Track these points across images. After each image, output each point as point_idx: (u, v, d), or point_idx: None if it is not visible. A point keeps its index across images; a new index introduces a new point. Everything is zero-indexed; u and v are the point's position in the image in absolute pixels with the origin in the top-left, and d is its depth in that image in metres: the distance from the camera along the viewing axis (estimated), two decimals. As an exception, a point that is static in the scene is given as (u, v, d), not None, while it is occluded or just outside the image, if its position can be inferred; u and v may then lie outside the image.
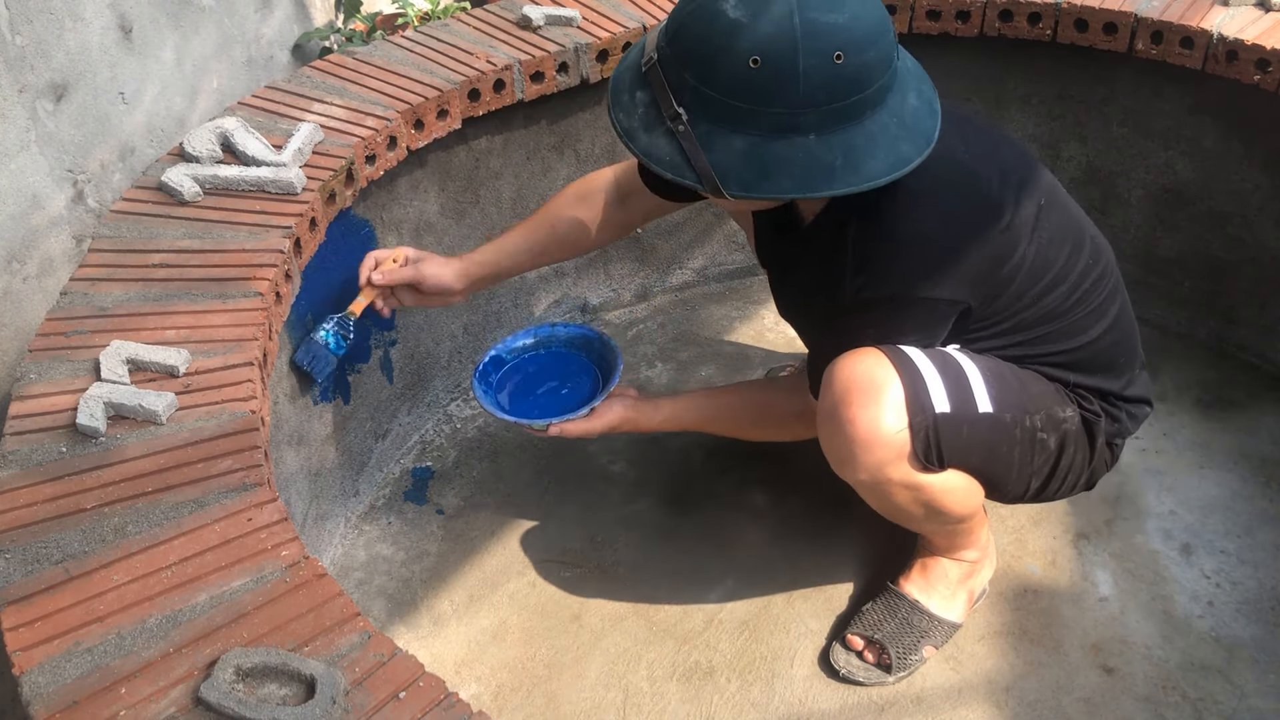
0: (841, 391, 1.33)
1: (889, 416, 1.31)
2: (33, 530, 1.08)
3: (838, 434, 1.35)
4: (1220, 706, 1.50)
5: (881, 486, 1.38)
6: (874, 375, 1.32)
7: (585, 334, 1.71)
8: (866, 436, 1.32)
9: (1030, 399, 1.39)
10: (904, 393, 1.31)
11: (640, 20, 1.91)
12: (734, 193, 1.18)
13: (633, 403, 1.60)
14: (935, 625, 1.57)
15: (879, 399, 1.31)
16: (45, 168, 1.64)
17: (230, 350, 1.28)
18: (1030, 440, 1.39)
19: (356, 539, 1.81)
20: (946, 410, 1.33)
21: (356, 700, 0.94)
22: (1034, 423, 1.39)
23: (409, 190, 1.83)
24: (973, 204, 1.30)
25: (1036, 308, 1.37)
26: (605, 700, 1.54)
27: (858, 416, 1.31)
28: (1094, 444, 1.46)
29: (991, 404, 1.36)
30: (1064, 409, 1.42)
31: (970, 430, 1.35)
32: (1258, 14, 1.82)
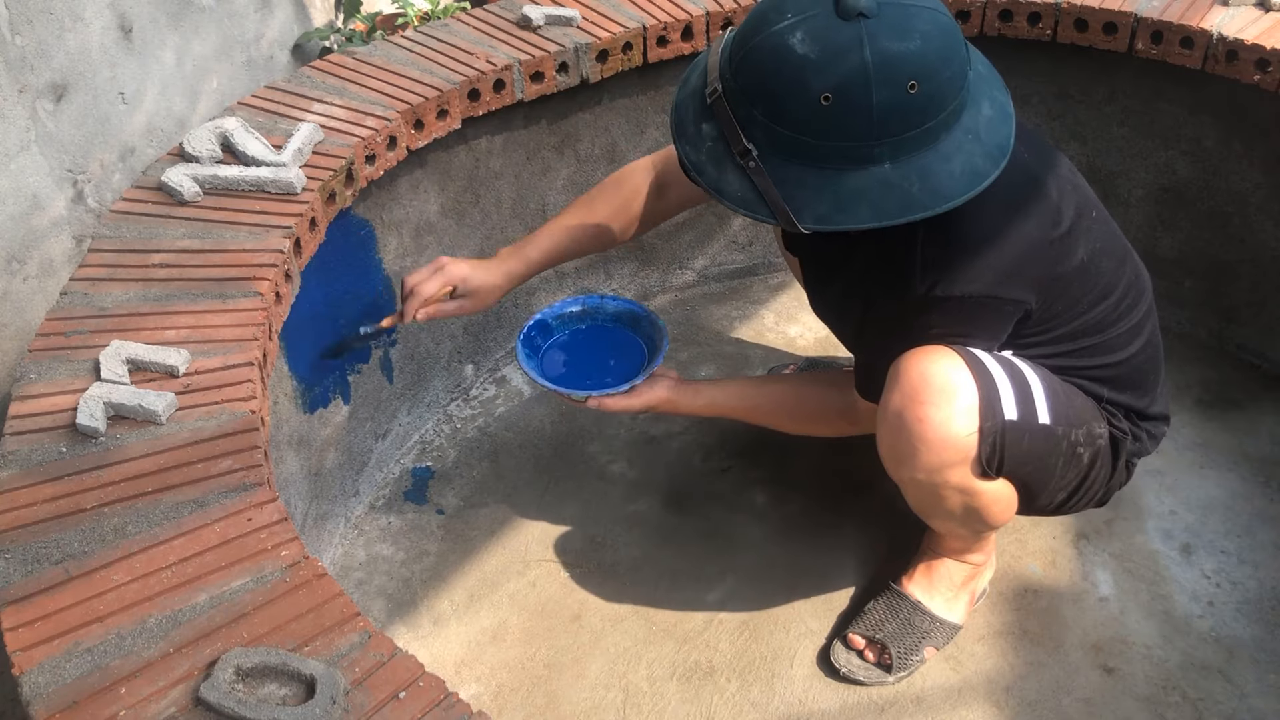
0: (912, 390, 1.31)
1: (961, 419, 1.30)
2: (33, 530, 1.08)
3: (903, 431, 1.33)
4: (1220, 706, 1.50)
5: (937, 488, 1.37)
6: (949, 376, 1.30)
7: (633, 309, 1.67)
8: (936, 437, 1.30)
9: (1075, 413, 1.38)
10: (978, 396, 1.30)
11: (640, 20, 1.91)
12: (809, 226, 1.17)
13: (673, 384, 1.57)
14: (937, 626, 1.57)
15: (953, 400, 1.29)
16: (45, 168, 1.65)
17: (230, 350, 1.28)
18: (1071, 454, 1.38)
19: (356, 539, 1.81)
20: (1014, 418, 1.32)
21: (356, 700, 0.94)
22: (1077, 437, 1.38)
23: (409, 190, 1.83)
24: (1037, 206, 1.29)
25: (1086, 318, 1.36)
26: (605, 700, 1.54)
27: (929, 416, 1.30)
28: (1117, 462, 1.45)
29: (1049, 416, 1.34)
30: (1099, 425, 1.41)
31: (1030, 440, 1.34)
32: (1258, 14, 1.82)
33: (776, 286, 2.30)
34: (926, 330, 1.32)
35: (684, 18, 1.92)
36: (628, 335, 1.68)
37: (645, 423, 2.00)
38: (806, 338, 2.18)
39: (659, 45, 1.93)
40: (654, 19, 1.91)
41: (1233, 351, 2.07)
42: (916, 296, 1.27)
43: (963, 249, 1.26)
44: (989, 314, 1.30)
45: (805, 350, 2.14)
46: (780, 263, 2.33)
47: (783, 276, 2.33)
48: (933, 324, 1.31)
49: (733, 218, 2.26)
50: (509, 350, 2.15)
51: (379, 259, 1.81)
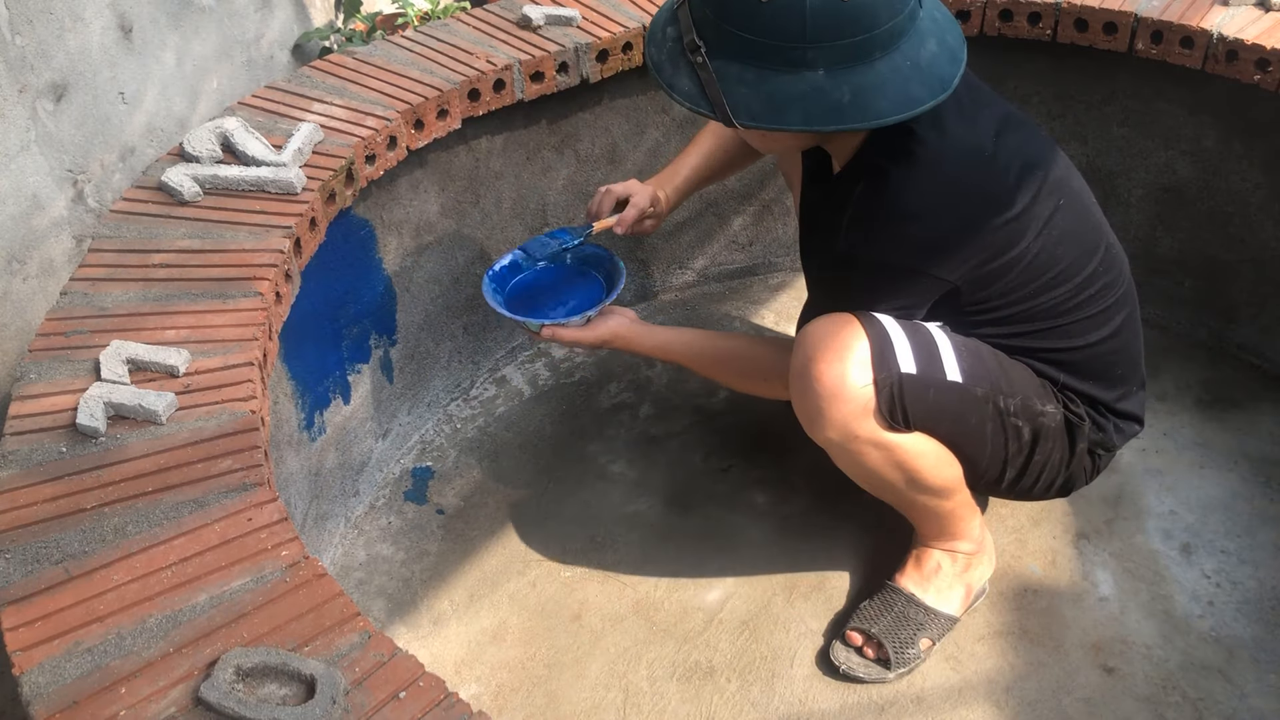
0: (810, 349, 1.37)
1: (854, 371, 1.34)
2: (33, 530, 1.08)
3: (807, 390, 1.38)
4: (1220, 706, 1.50)
5: (851, 445, 1.40)
6: (841, 334, 1.36)
7: (597, 251, 1.73)
8: (832, 390, 1.35)
9: (1008, 382, 1.42)
10: (869, 350, 1.35)
11: (640, 20, 1.91)
12: (743, 122, 1.24)
13: (629, 322, 1.61)
14: (931, 618, 1.57)
15: (845, 355, 1.35)
16: (45, 168, 1.65)
17: (230, 350, 1.28)
18: (1001, 421, 1.42)
19: (356, 539, 1.81)
20: (912, 371, 1.36)
21: (356, 700, 0.94)
22: (1007, 405, 1.41)
23: (409, 190, 1.83)
24: (985, 190, 1.33)
25: (1033, 303, 1.39)
26: (605, 700, 1.54)
27: (824, 372, 1.35)
28: (1074, 446, 1.47)
29: (961, 375, 1.39)
30: (1044, 403, 1.44)
31: (936, 395, 1.37)
32: (1258, 14, 1.81)
33: (776, 286, 2.30)
34: (846, 288, 1.39)
35: (684, 18, 1.92)
36: (591, 275, 1.73)
37: (645, 423, 2.00)
38: (806, 338, 2.18)
39: (659, 45, 1.93)
40: (654, 19, 1.91)
41: (1233, 351, 2.07)
42: (840, 252, 1.34)
43: (889, 215, 1.31)
44: (903, 282, 1.35)
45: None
46: (780, 263, 2.33)
47: (783, 276, 2.33)
48: (851, 283, 1.38)
49: (733, 218, 2.26)
50: (509, 350, 2.16)
51: (379, 259, 1.81)
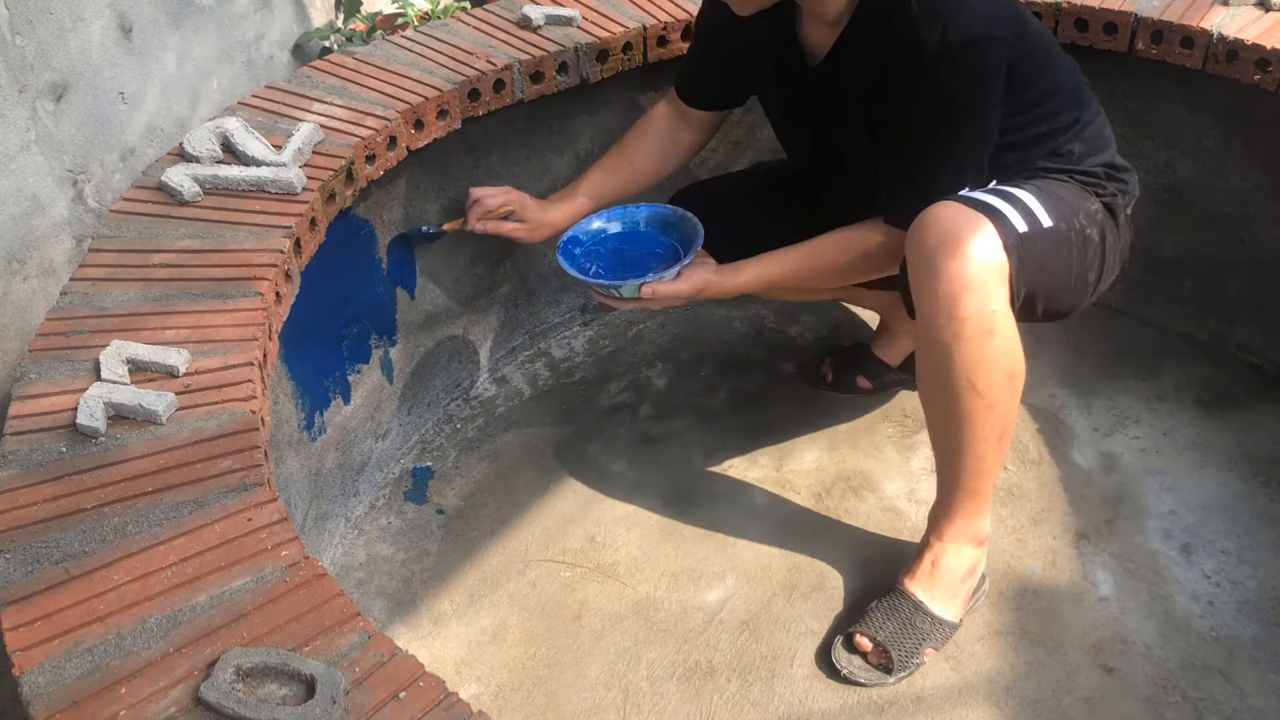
0: (937, 242, 1.40)
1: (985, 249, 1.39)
2: (33, 530, 1.08)
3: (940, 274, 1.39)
4: (1220, 706, 1.50)
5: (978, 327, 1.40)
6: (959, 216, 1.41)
7: (661, 211, 1.70)
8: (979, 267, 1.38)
9: (1069, 204, 1.50)
10: (992, 224, 1.40)
11: (640, 20, 1.91)
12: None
13: (716, 267, 1.60)
14: (937, 627, 1.57)
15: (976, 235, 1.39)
16: (46, 168, 1.65)
17: (230, 350, 1.28)
18: (1081, 239, 1.50)
19: (356, 539, 1.81)
20: (1025, 229, 1.43)
21: (356, 700, 0.94)
22: (1080, 223, 1.50)
23: (409, 190, 1.83)
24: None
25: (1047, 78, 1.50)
26: (605, 700, 1.54)
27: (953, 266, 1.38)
28: (1117, 220, 1.57)
29: (1050, 218, 1.46)
30: (1090, 202, 1.53)
31: (1043, 242, 1.45)
32: (1258, 14, 1.81)
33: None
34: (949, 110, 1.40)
35: (684, 18, 1.92)
36: (658, 237, 1.70)
37: (645, 423, 2.00)
38: (806, 337, 2.18)
39: (659, 45, 1.93)
40: (654, 19, 1.91)
41: (1233, 351, 2.07)
42: (931, 52, 1.36)
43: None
44: (992, 58, 1.39)
45: (805, 350, 2.15)
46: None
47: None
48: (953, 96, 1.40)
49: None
50: (509, 350, 2.16)
51: (379, 259, 1.81)
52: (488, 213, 1.73)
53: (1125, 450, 1.89)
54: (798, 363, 2.12)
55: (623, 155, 1.80)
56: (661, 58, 1.94)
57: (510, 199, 1.74)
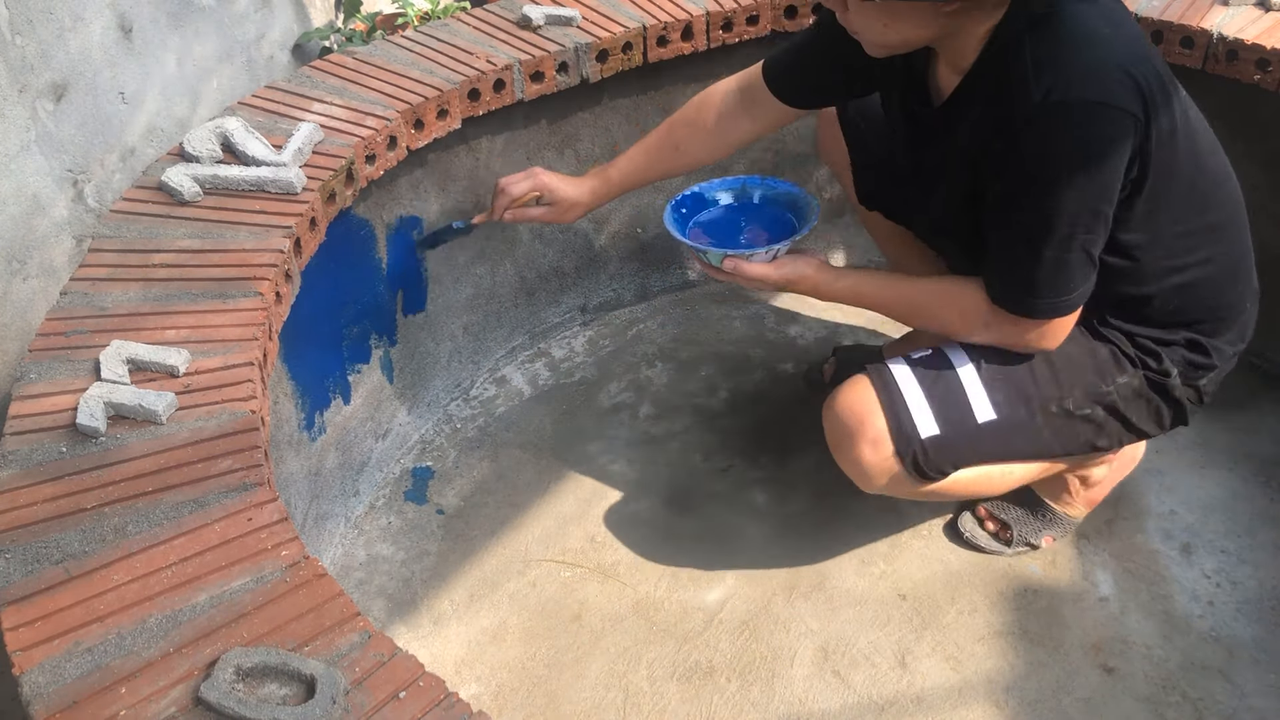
0: (836, 427, 1.45)
1: (870, 451, 1.41)
2: (33, 530, 1.08)
3: (842, 464, 1.48)
4: (1220, 706, 1.50)
5: (912, 495, 1.50)
6: (857, 408, 1.41)
7: (790, 190, 1.63)
8: (861, 472, 1.44)
9: (1057, 385, 1.41)
10: (885, 422, 1.40)
11: (640, 20, 1.91)
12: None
13: (819, 264, 1.50)
14: (1058, 520, 1.69)
15: (862, 434, 1.41)
16: (46, 169, 1.65)
17: (230, 350, 1.28)
18: (1065, 420, 1.42)
19: (356, 539, 1.81)
20: (935, 432, 1.39)
21: (356, 700, 0.94)
22: (1064, 405, 1.41)
23: (409, 190, 1.83)
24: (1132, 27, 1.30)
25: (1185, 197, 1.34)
26: (605, 700, 1.54)
27: (848, 456, 1.44)
28: (1169, 395, 1.45)
29: (995, 409, 1.39)
30: (1113, 378, 1.42)
31: (970, 442, 1.40)
32: (1258, 14, 1.81)
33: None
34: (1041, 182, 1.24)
35: (684, 18, 1.92)
36: (780, 214, 1.62)
37: (645, 423, 2.00)
38: (806, 337, 2.18)
39: (659, 45, 1.93)
40: (654, 19, 1.91)
41: (1233, 351, 2.07)
42: (1033, 107, 1.21)
43: (1072, 46, 1.22)
44: (1100, 128, 1.22)
45: (805, 350, 2.15)
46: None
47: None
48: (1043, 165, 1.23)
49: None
50: (509, 350, 2.16)
51: (379, 259, 1.81)
52: (514, 201, 1.70)
53: (1125, 450, 1.89)
54: (798, 363, 2.12)
55: (671, 138, 1.68)
56: (661, 58, 1.94)
57: (537, 184, 1.69)
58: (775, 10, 1.97)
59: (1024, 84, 1.22)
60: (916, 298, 1.47)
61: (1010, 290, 1.34)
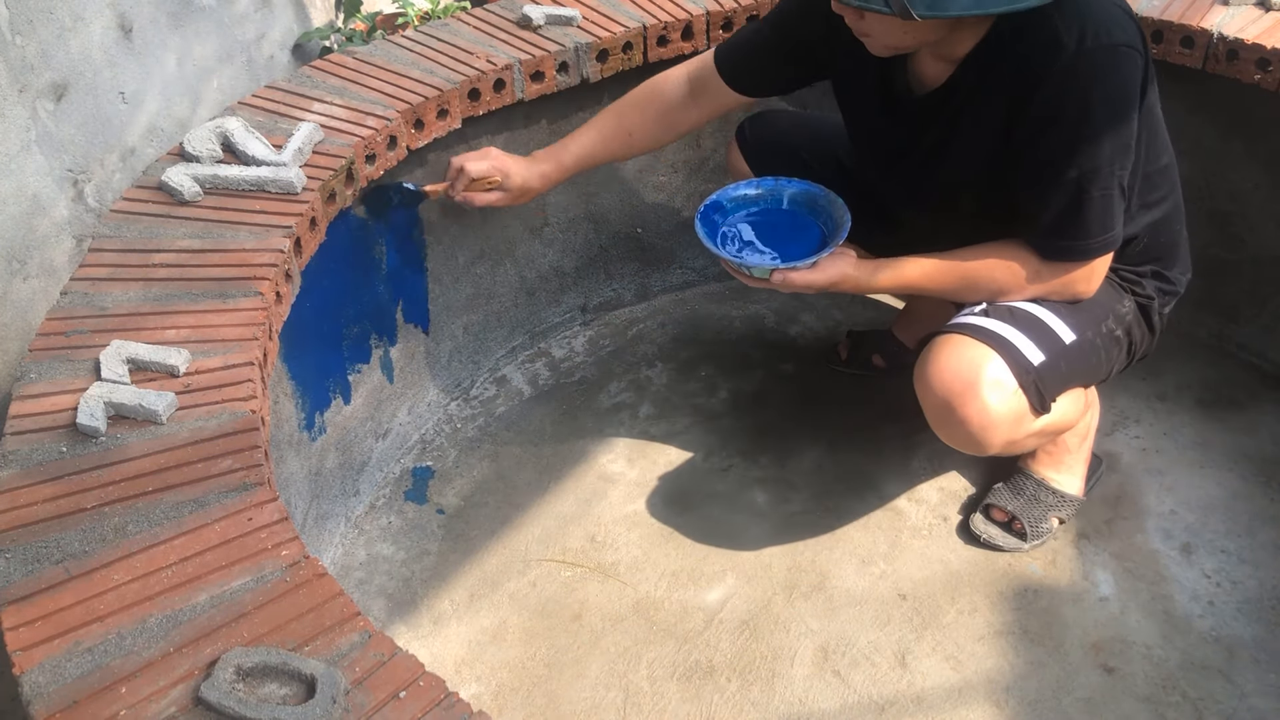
0: (946, 391, 1.43)
1: (998, 393, 1.42)
2: (33, 530, 1.08)
3: (958, 432, 1.46)
4: (1221, 706, 1.50)
5: (1013, 447, 1.53)
6: (967, 359, 1.42)
7: (811, 191, 1.63)
8: (985, 422, 1.43)
9: (1099, 308, 1.50)
10: (1003, 362, 1.42)
11: (640, 20, 1.91)
12: (921, 13, 1.22)
13: (855, 261, 1.52)
14: (1060, 499, 1.71)
15: (982, 381, 1.41)
16: (46, 168, 1.65)
17: (230, 350, 1.28)
18: (1110, 341, 1.52)
19: (356, 539, 1.81)
20: (1043, 358, 1.44)
21: (356, 700, 0.94)
22: (1109, 327, 1.51)
23: (409, 190, 1.83)
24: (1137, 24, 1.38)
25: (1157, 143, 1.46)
26: (605, 700, 1.54)
27: (970, 412, 1.42)
28: (1150, 322, 1.59)
29: (1073, 330, 1.47)
30: (1122, 302, 1.55)
31: (1066, 363, 1.47)
32: (1258, 14, 1.81)
33: (777, 286, 2.30)
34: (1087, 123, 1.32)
35: (684, 17, 1.92)
36: (805, 218, 1.63)
37: (645, 422, 2.00)
38: (806, 337, 2.18)
39: (659, 45, 1.93)
40: (654, 19, 1.91)
41: (1233, 351, 2.07)
42: (1069, 57, 1.29)
43: (1097, 4, 1.31)
44: (1130, 69, 1.32)
45: (806, 350, 2.15)
46: (780, 263, 2.32)
47: (783, 276, 2.33)
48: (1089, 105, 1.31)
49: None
50: (509, 350, 2.16)
51: (379, 259, 1.81)
52: (472, 181, 1.71)
53: (1125, 450, 1.89)
54: (798, 362, 2.12)
55: (621, 124, 1.73)
56: (661, 57, 1.94)
57: (494, 167, 1.71)
58: (775, 10, 1.97)
59: (1056, 39, 1.29)
60: (963, 267, 1.50)
61: (1062, 237, 1.42)
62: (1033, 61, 1.32)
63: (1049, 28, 1.30)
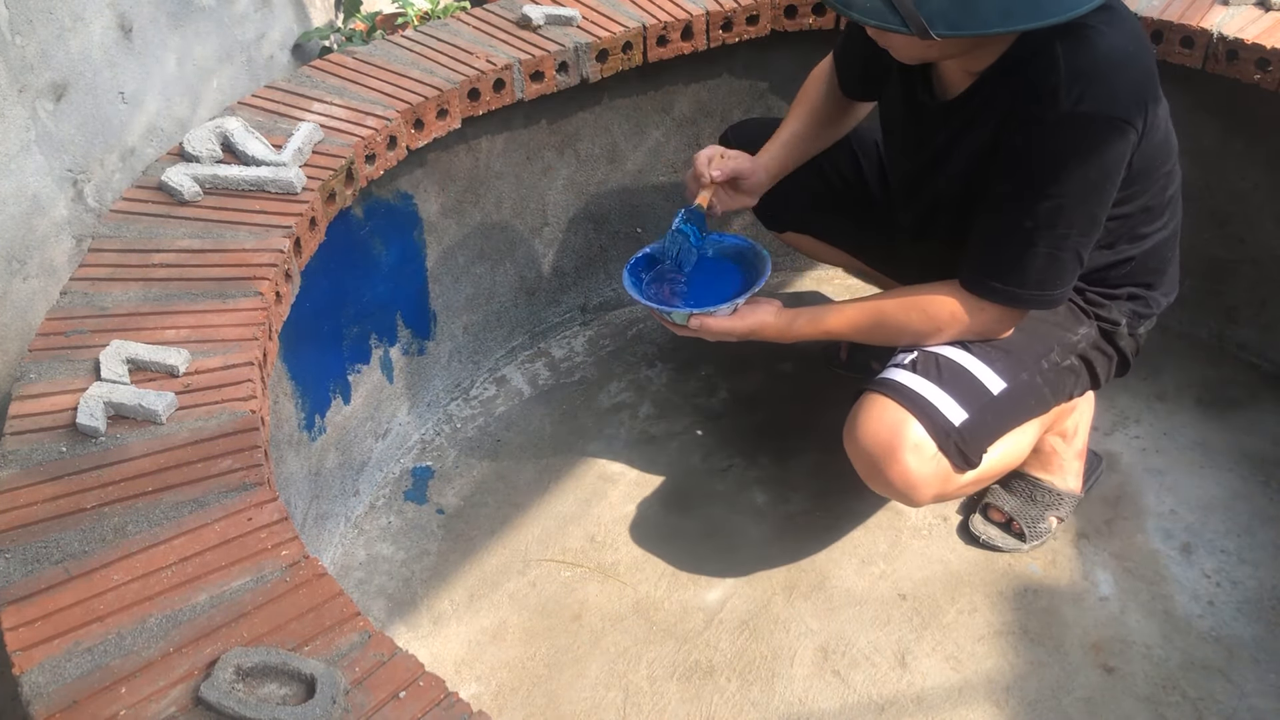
0: (869, 455, 1.44)
1: (915, 459, 1.41)
2: (33, 530, 1.08)
3: (886, 490, 1.47)
4: (1220, 706, 1.50)
5: (948, 498, 1.52)
6: (890, 425, 1.41)
7: (737, 243, 1.66)
8: (909, 482, 1.42)
9: (1040, 341, 1.48)
10: (920, 425, 1.41)
11: (640, 20, 1.91)
12: (940, 32, 1.20)
13: (778, 309, 1.55)
14: (1056, 498, 1.70)
15: (902, 447, 1.40)
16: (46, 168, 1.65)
17: (230, 350, 1.28)
18: (1058, 373, 1.49)
19: (356, 539, 1.81)
20: (965, 417, 1.43)
21: (356, 700, 0.94)
22: (1052, 361, 1.49)
23: (409, 190, 1.83)
24: (1146, 42, 1.36)
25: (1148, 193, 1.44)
26: (605, 700, 1.54)
27: (893, 471, 1.42)
28: (1116, 343, 1.57)
29: (1003, 378, 1.45)
30: (1073, 330, 1.52)
31: (995, 415, 1.45)
32: (1258, 13, 1.81)
33: (776, 287, 2.30)
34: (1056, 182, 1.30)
35: (684, 17, 1.92)
36: (730, 267, 1.65)
37: (645, 423, 2.00)
38: (806, 338, 2.18)
39: (659, 45, 1.93)
40: (654, 19, 1.91)
41: (1233, 351, 2.07)
42: (1061, 114, 1.27)
43: (1108, 64, 1.27)
44: (1117, 145, 1.30)
45: (806, 350, 2.15)
46: (780, 263, 2.33)
47: (782, 276, 2.33)
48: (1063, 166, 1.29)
49: (732, 220, 2.26)
50: (509, 350, 2.16)
51: (379, 259, 1.81)
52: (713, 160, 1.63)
53: (1125, 450, 1.89)
54: (797, 363, 2.12)
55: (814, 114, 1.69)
56: (661, 57, 1.94)
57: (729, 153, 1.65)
58: (775, 10, 1.97)
59: (1054, 91, 1.27)
60: (881, 311, 1.51)
61: (997, 278, 1.39)
62: (1028, 98, 1.30)
63: (1054, 74, 1.27)
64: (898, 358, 1.51)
